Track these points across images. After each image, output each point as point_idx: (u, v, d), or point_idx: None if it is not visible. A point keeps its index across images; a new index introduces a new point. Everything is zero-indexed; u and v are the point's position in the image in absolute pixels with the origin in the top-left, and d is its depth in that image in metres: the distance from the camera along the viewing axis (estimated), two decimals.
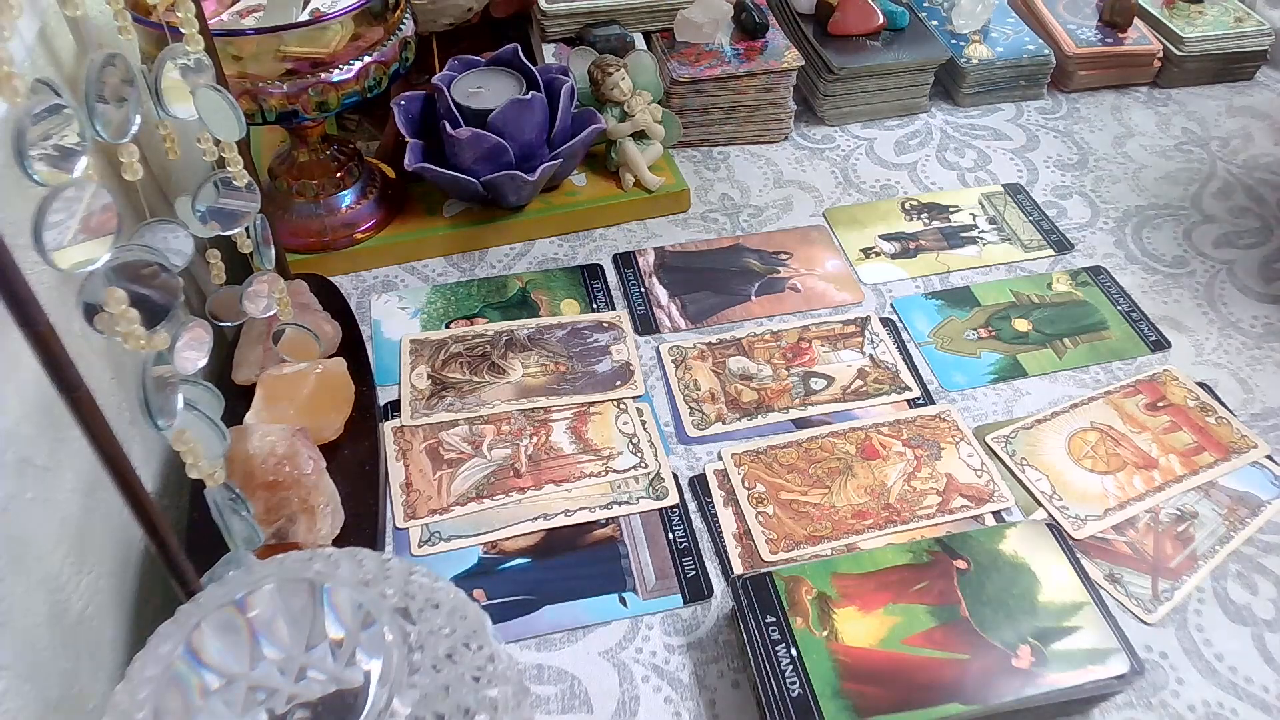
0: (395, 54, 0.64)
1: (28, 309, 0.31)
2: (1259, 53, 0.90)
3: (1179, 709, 0.46)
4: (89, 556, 0.45)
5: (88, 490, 0.45)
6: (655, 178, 0.74)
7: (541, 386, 0.62)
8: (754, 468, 0.57)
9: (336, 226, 0.69)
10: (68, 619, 0.42)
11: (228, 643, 0.31)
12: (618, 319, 0.66)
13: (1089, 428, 0.59)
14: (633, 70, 0.74)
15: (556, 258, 0.72)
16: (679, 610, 0.51)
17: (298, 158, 0.69)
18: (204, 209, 0.50)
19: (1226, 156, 0.82)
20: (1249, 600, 0.51)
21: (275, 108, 0.60)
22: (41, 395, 0.42)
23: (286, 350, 0.57)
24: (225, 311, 0.55)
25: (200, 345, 0.44)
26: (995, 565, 0.49)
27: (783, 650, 0.46)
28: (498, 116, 0.67)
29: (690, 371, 0.63)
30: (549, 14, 0.80)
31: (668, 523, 0.54)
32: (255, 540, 0.45)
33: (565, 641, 0.49)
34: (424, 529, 0.54)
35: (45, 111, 0.33)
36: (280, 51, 0.59)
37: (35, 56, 0.47)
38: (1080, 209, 0.77)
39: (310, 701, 0.30)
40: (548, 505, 0.55)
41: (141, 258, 0.38)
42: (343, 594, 0.32)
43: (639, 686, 0.48)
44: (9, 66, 0.32)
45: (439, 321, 0.66)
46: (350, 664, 0.30)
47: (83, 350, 0.46)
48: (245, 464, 0.49)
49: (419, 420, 0.59)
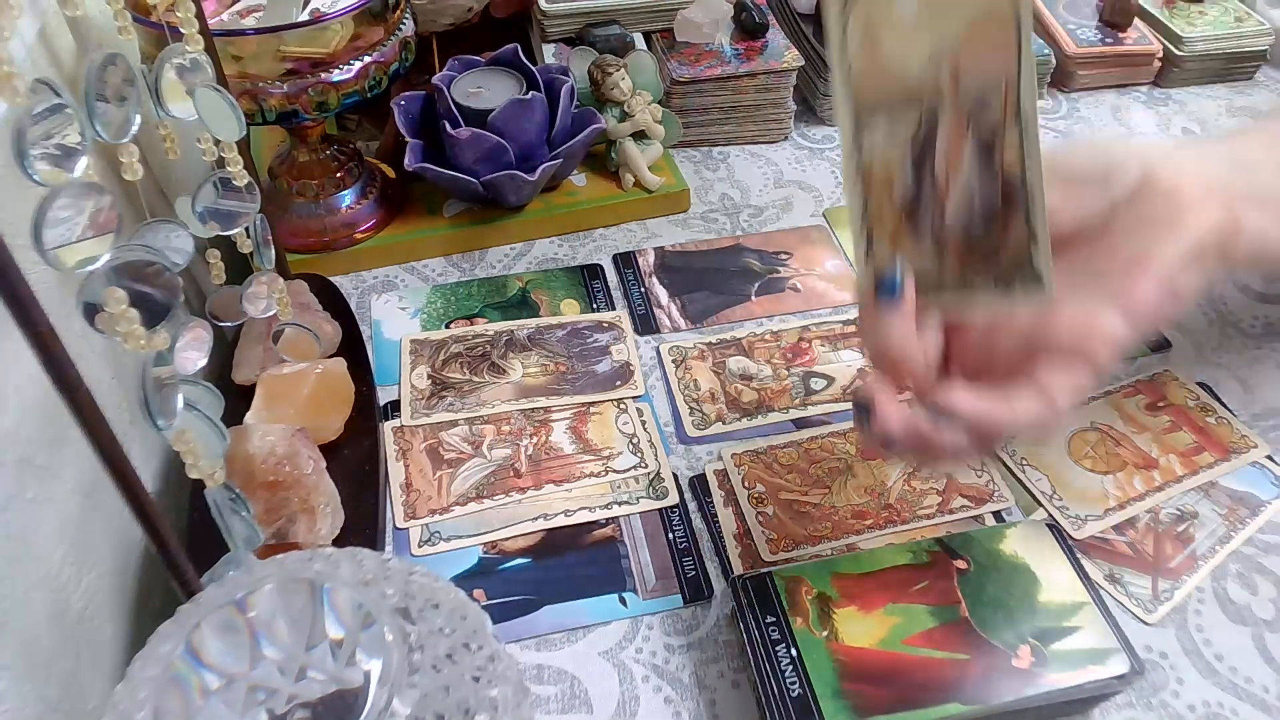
0: (395, 54, 0.64)
1: (28, 309, 0.31)
2: (1259, 53, 0.90)
3: (1179, 709, 0.46)
4: (89, 556, 0.45)
5: (88, 490, 0.45)
6: (655, 178, 0.74)
7: (541, 386, 0.62)
8: (754, 468, 0.57)
9: (336, 226, 0.69)
10: (68, 619, 0.42)
11: (228, 643, 0.31)
12: (618, 319, 0.66)
13: (1089, 428, 0.59)
14: (633, 70, 0.74)
15: (556, 258, 0.72)
16: (679, 610, 0.51)
17: (298, 158, 0.69)
18: (204, 209, 0.50)
19: None
20: (1249, 600, 0.51)
21: (275, 108, 0.60)
22: (41, 395, 0.42)
23: (286, 350, 0.57)
24: (225, 311, 0.55)
25: (200, 345, 0.44)
26: (995, 565, 0.49)
27: (783, 650, 0.46)
28: (498, 116, 0.67)
29: (690, 371, 0.63)
30: (549, 14, 0.80)
31: (668, 523, 0.54)
32: (255, 540, 0.45)
33: (565, 641, 0.49)
34: (424, 529, 0.54)
35: (45, 111, 0.33)
36: (280, 51, 0.59)
37: (35, 56, 0.47)
38: None
39: (310, 701, 0.30)
40: (548, 505, 0.55)
41: (142, 257, 0.38)
42: (343, 594, 0.32)
43: (639, 686, 0.48)
44: (9, 66, 0.32)
45: (439, 321, 0.66)
46: (350, 664, 0.30)
47: (83, 350, 0.46)
48: (245, 464, 0.49)
49: (419, 420, 0.59)
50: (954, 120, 0.39)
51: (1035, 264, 0.39)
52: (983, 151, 0.39)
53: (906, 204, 0.41)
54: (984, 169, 0.39)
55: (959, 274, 0.41)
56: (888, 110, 0.41)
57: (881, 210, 0.42)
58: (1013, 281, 0.40)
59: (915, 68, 0.40)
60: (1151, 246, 0.40)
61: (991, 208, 0.39)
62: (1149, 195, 0.41)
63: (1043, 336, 0.40)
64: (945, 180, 0.40)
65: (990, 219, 0.40)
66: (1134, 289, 0.40)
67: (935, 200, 0.41)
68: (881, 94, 0.41)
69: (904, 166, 0.41)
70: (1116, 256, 0.41)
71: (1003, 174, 0.39)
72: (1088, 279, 0.41)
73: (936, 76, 0.39)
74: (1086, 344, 0.39)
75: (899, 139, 0.41)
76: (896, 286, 0.40)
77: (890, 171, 0.41)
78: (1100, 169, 0.43)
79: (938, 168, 0.40)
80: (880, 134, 0.41)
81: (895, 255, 0.41)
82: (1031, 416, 0.39)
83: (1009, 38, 0.37)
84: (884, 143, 0.41)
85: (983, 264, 0.40)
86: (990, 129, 0.39)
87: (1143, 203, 0.41)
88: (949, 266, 0.41)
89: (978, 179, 0.40)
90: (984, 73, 0.38)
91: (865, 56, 0.41)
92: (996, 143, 0.39)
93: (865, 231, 0.43)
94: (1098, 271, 0.41)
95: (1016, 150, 0.38)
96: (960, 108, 0.39)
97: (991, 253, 0.40)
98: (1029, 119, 0.38)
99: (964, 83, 0.39)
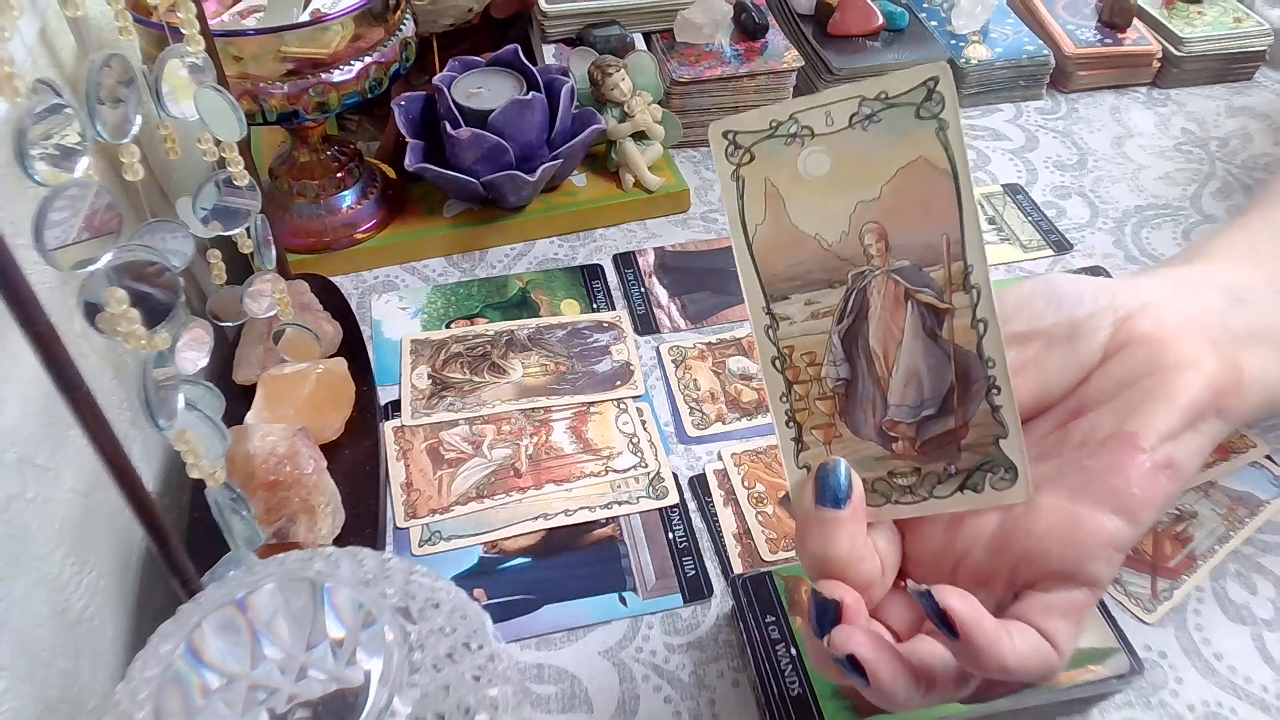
0: (396, 55, 0.64)
1: (28, 309, 0.31)
2: (1258, 53, 0.90)
3: (1178, 708, 0.46)
4: (89, 556, 0.45)
5: (88, 490, 0.45)
6: (655, 178, 0.75)
7: (541, 386, 0.62)
8: (754, 467, 0.57)
9: (337, 226, 0.69)
10: (68, 619, 0.42)
11: (228, 642, 0.31)
12: (618, 319, 0.67)
13: None
14: (633, 71, 0.74)
15: (556, 258, 0.72)
16: (679, 610, 0.51)
17: (298, 158, 0.69)
18: (205, 209, 0.50)
19: (1226, 157, 0.82)
20: (1248, 600, 0.51)
21: (276, 108, 0.60)
22: (42, 395, 0.42)
23: (287, 350, 0.57)
24: (226, 311, 0.55)
25: (201, 345, 0.44)
26: None
27: (783, 649, 0.46)
28: (498, 117, 0.67)
29: (690, 371, 0.63)
30: (549, 14, 0.80)
31: (668, 522, 0.54)
32: (256, 540, 0.45)
33: (565, 641, 0.49)
34: (424, 529, 0.54)
35: (46, 111, 0.34)
36: (281, 52, 0.59)
37: (36, 56, 0.47)
38: (1079, 209, 0.77)
39: (311, 701, 0.30)
40: (548, 505, 0.55)
41: (142, 258, 0.39)
42: (343, 594, 0.32)
43: (639, 686, 0.48)
44: (9, 66, 0.32)
45: (439, 321, 0.66)
46: (351, 663, 0.30)
47: (83, 350, 0.46)
48: (246, 464, 0.49)
49: (419, 420, 0.59)
50: (888, 289, 0.34)
51: (1005, 454, 0.34)
52: (926, 324, 0.34)
53: (840, 390, 0.36)
54: (930, 344, 0.34)
55: (912, 470, 0.35)
56: (804, 282, 0.35)
57: (810, 399, 0.36)
58: (979, 476, 0.34)
59: (833, 231, 0.34)
60: (1137, 419, 0.33)
61: (944, 389, 0.34)
62: (1127, 355, 0.35)
63: (1020, 547, 0.33)
64: (884, 360, 0.35)
65: (945, 402, 0.34)
66: (1123, 474, 0.32)
67: (874, 384, 0.35)
68: (795, 264, 0.35)
69: (831, 347, 0.35)
70: (1095, 435, 0.34)
71: (954, 349, 0.34)
72: (1064, 466, 0.34)
73: (859, 239, 0.34)
74: (1082, 566, 0.32)
75: (821, 315, 0.35)
76: (842, 494, 0.34)
77: (815, 354, 0.35)
78: (1065, 325, 0.36)
79: (873, 347, 0.35)
80: (797, 310, 0.35)
81: (831, 451, 0.36)
82: (1027, 662, 0.31)
83: (944, 185, 0.32)
84: (803, 321, 0.35)
85: (940, 456, 0.34)
86: (933, 297, 0.34)
87: (1120, 364, 0.35)
88: (898, 463, 0.35)
89: (924, 357, 0.34)
90: (918, 229, 0.33)
91: (770, 223, 0.35)
92: (942, 312, 0.34)
93: (792, 424, 0.37)
94: (1074, 456, 0.34)
95: (969, 319, 0.33)
96: (893, 274, 0.34)
97: (950, 443, 0.34)
98: (980, 280, 0.33)
99: (895, 243, 0.34)
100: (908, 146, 0.33)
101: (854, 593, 0.33)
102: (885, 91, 0.32)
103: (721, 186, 0.35)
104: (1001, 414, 0.34)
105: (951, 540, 0.35)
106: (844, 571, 0.33)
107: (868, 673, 0.31)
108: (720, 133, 0.34)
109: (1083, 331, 0.36)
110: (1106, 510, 0.32)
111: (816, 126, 0.33)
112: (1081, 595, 0.32)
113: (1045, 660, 0.31)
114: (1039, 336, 0.36)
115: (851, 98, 0.33)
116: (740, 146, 0.34)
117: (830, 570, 0.33)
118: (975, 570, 0.34)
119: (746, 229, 0.35)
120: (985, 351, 0.33)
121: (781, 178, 0.34)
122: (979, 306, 0.33)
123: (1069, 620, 0.32)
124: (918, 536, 0.36)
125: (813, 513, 0.34)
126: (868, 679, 0.31)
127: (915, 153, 0.32)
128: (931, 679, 0.32)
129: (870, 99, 0.33)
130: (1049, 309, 0.36)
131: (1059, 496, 0.33)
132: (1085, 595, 0.32)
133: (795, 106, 0.34)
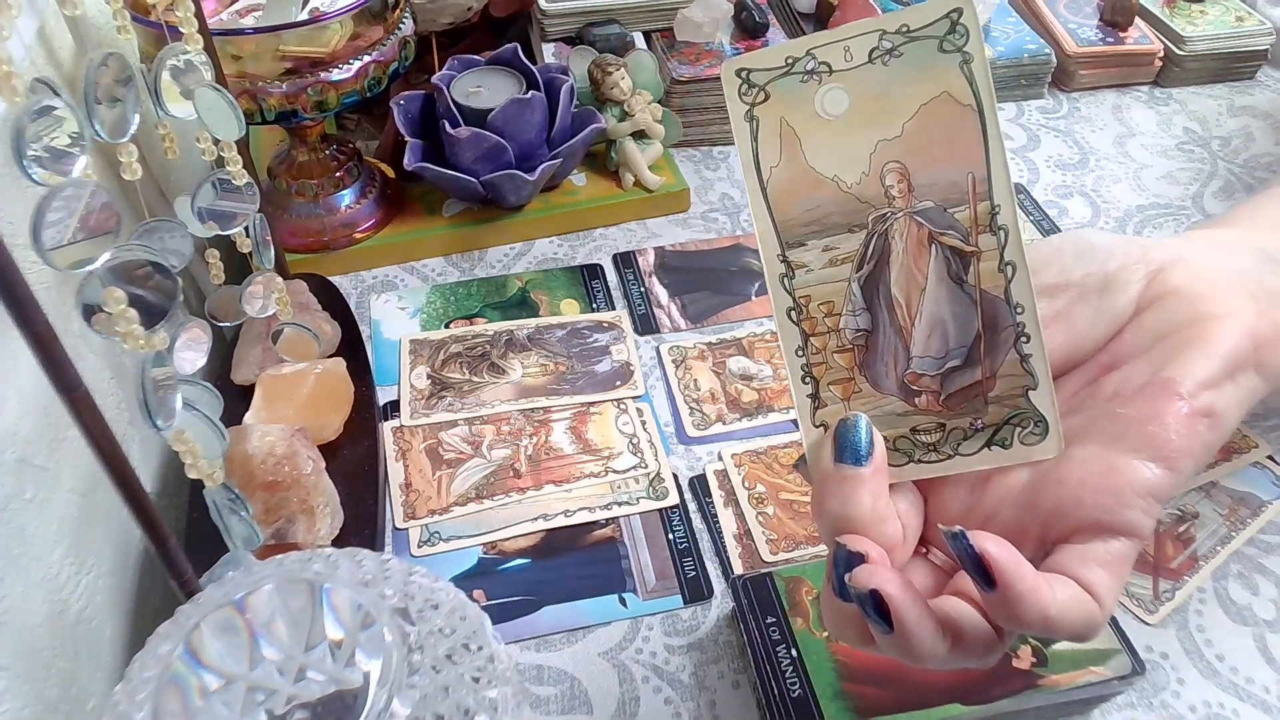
0: (395, 53, 0.64)
1: (27, 309, 0.31)
2: (1260, 52, 0.90)
3: (1180, 709, 0.46)
4: (88, 556, 0.45)
5: (86, 490, 0.45)
6: (655, 177, 0.74)
7: (541, 386, 0.61)
8: (754, 468, 0.57)
9: (336, 226, 0.69)
10: (67, 619, 0.42)
11: (227, 643, 0.31)
12: (618, 319, 0.66)
13: None
14: (633, 70, 0.74)
15: (556, 258, 0.72)
16: (679, 611, 0.51)
17: (297, 157, 0.69)
18: (203, 209, 0.50)
19: (1228, 156, 0.82)
20: (1250, 601, 0.51)
21: (274, 107, 0.60)
22: (40, 395, 0.42)
23: (286, 350, 0.57)
24: (224, 311, 0.55)
25: (199, 345, 0.44)
26: None
27: (783, 651, 0.46)
28: (497, 116, 0.67)
29: (690, 371, 0.63)
30: (549, 13, 0.80)
31: (668, 523, 0.54)
32: (254, 540, 0.45)
33: (565, 642, 0.49)
34: (423, 529, 0.54)
35: (44, 110, 0.33)
36: (279, 51, 0.59)
37: (34, 56, 0.47)
38: (1081, 209, 0.77)
39: (310, 702, 0.30)
40: (548, 505, 0.55)
41: (140, 257, 0.38)
42: (342, 594, 0.32)
43: (639, 687, 0.48)
44: (8, 66, 0.32)
45: (439, 321, 0.66)
46: (350, 664, 0.30)
47: (82, 350, 0.46)
48: (244, 464, 0.49)
49: (418, 420, 0.59)
50: (910, 233, 0.32)
51: (1035, 406, 0.32)
52: (952, 268, 0.32)
53: (859, 342, 0.34)
54: (956, 290, 0.32)
55: (936, 426, 0.33)
56: (822, 227, 0.33)
57: (827, 352, 0.34)
58: (1007, 431, 0.33)
59: (852, 172, 0.32)
60: (1174, 366, 0.32)
61: (970, 338, 0.32)
62: (1162, 307, 0.33)
63: (1051, 499, 0.32)
64: (907, 309, 0.33)
65: (971, 352, 0.33)
66: (1161, 420, 0.31)
67: (896, 334, 0.33)
68: (812, 208, 0.33)
69: (850, 296, 0.33)
70: (1130, 384, 0.32)
71: (980, 295, 0.32)
72: (1096, 416, 0.32)
73: (880, 180, 0.32)
74: (1118, 514, 0.30)
75: (840, 262, 0.33)
76: (863, 450, 0.32)
77: (833, 304, 0.33)
78: (1096, 277, 0.34)
79: (895, 294, 0.33)
80: (814, 257, 0.33)
81: (850, 408, 0.34)
82: (1069, 613, 0.29)
83: (969, 121, 0.31)
84: (820, 269, 0.33)
85: (966, 411, 0.33)
86: (958, 239, 0.32)
87: (1154, 316, 0.33)
88: (921, 419, 0.33)
89: (949, 303, 0.32)
90: (942, 168, 0.31)
91: (786, 165, 0.33)
92: (968, 255, 0.32)
93: (809, 380, 0.34)
94: (1107, 407, 0.32)
95: (996, 262, 0.32)
96: (916, 216, 0.32)
97: (976, 396, 0.33)
98: (1008, 221, 0.31)
99: (918, 183, 0.32)
100: (931, 81, 0.31)
101: (879, 548, 0.31)
102: (906, 24, 0.31)
103: (734, 128, 0.33)
104: (1031, 363, 0.32)
105: (978, 500, 0.34)
106: (865, 534, 0.31)
107: (891, 611, 0.29)
108: (734, 71, 0.32)
109: (1115, 284, 0.34)
110: (1143, 458, 0.31)
111: (834, 62, 0.32)
112: (1121, 545, 0.31)
113: (1088, 612, 0.30)
114: (1070, 288, 0.34)
115: (871, 31, 0.31)
116: (754, 85, 0.32)
117: (851, 528, 0.31)
118: (1004, 529, 0.32)
119: (761, 172, 0.33)
120: (1013, 297, 0.32)
121: (798, 117, 0.32)
122: (1006, 249, 0.31)
123: (1109, 571, 0.30)
124: (941, 499, 0.34)
125: (832, 471, 0.32)
126: (891, 624, 0.29)
127: (939, 88, 0.31)
128: (959, 634, 0.30)
129: (891, 32, 0.31)
130: (1080, 261, 0.35)
131: (1093, 445, 0.32)
132: (1125, 545, 0.31)
133: (812, 42, 0.32)
